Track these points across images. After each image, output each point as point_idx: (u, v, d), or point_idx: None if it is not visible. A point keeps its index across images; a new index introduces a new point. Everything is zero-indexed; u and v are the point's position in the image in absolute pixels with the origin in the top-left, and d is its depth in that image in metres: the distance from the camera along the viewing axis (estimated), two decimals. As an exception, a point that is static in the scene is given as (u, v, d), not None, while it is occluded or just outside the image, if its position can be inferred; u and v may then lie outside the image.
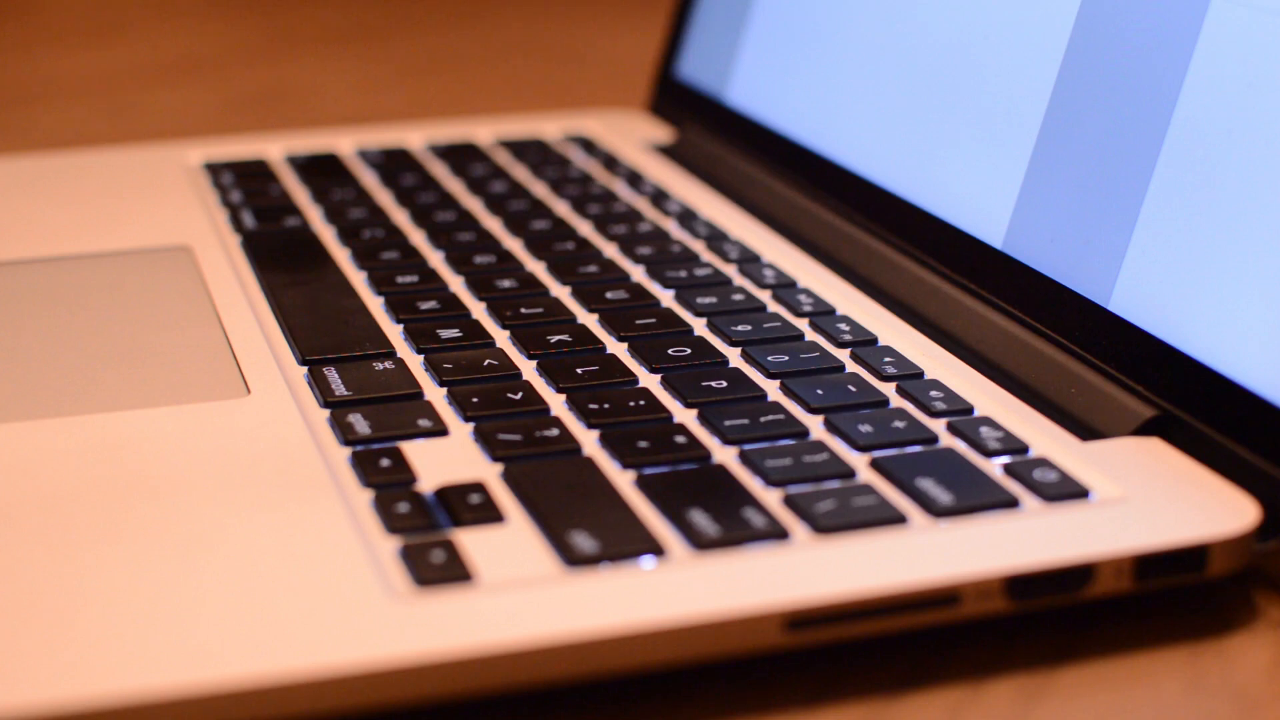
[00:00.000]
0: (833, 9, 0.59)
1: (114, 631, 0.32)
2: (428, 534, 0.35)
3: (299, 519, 0.36)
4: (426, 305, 0.48)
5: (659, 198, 0.59)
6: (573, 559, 0.35)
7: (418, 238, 0.55)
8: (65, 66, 0.91)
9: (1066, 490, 0.37)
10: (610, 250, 0.54)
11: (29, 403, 0.42)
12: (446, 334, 0.46)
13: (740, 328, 0.47)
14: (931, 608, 0.34)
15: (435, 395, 0.42)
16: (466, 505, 0.36)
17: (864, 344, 0.46)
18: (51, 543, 0.35)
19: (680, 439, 0.40)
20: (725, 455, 0.39)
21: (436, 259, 0.53)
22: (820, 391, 0.42)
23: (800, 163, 0.59)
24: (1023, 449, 0.39)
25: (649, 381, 0.43)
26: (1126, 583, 0.36)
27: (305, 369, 0.44)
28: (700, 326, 0.47)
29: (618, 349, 0.45)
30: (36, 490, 0.37)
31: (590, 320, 0.47)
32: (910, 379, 0.43)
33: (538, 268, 0.52)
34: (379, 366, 0.44)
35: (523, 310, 0.48)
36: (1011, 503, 0.37)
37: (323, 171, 0.62)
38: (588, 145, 0.66)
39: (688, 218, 0.57)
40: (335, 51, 0.95)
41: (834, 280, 0.52)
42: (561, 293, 0.50)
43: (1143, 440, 0.40)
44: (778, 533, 0.36)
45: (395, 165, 0.63)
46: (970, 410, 0.42)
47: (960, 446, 0.40)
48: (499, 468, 0.38)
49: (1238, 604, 0.37)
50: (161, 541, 0.35)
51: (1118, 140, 0.45)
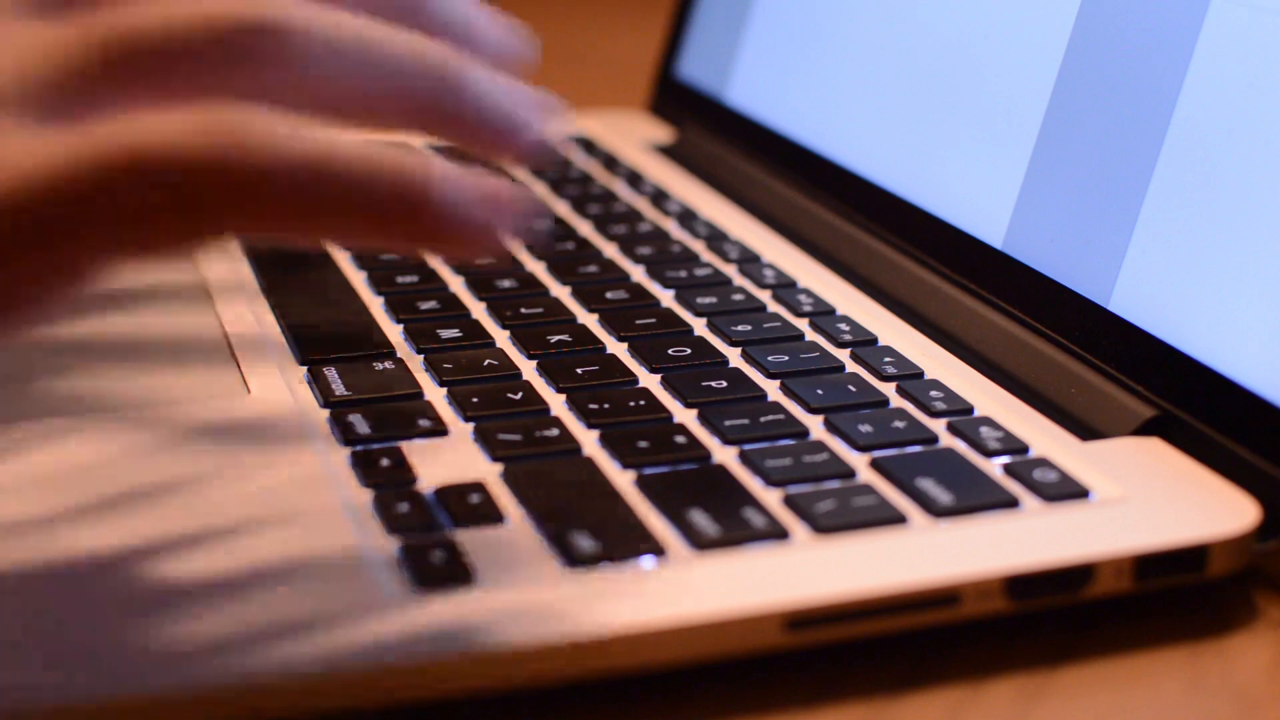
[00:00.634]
0: (833, 9, 0.59)
1: (114, 632, 0.32)
2: (428, 534, 0.35)
3: (299, 519, 0.36)
4: (426, 305, 0.48)
5: (659, 198, 0.59)
6: (573, 559, 0.35)
7: (418, 238, 0.55)
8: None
9: (1066, 490, 0.37)
10: (610, 250, 0.54)
11: (27, 403, 0.42)
12: (446, 334, 0.46)
13: (740, 328, 0.47)
14: (931, 608, 0.34)
15: (435, 395, 0.42)
16: (466, 505, 0.36)
17: (864, 344, 0.46)
18: (52, 541, 0.35)
19: (680, 439, 0.40)
20: (725, 455, 0.39)
21: (436, 259, 0.53)
22: (820, 391, 0.42)
23: (800, 163, 0.59)
24: (1023, 449, 0.39)
25: (649, 381, 0.43)
26: (1126, 583, 0.36)
27: (305, 369, 0.44)
28: (700, 326, 0.47)
29: (618, 349, 0.45)
30: (36, 490, 0.37)
31: (590, 320, 0.47)
32: (910, 379, 0.43)
33: (537, 268, 0.52)
34: (379, 366, 0.44)
35: (523, 310, 0.48)
36: (1011, 503, 0.37)
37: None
38: (588, 145, 0.66)
39: (688, 218, 0.57)
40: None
41: (834, 280, 0.52)
42: (561, 293, 0.50)
43: (1143, 440, 0.40)
44: (778, 533, 0.36)
45: (395, 165, 0.63)
46: (970, 410, 0.42)
47: (960, 446, 0.40)
48: (499, 468, 0.38)
49: (1238, 604, 0.37)
50: (161, 541, 0.35)
51: (1118, 140, 0.45)
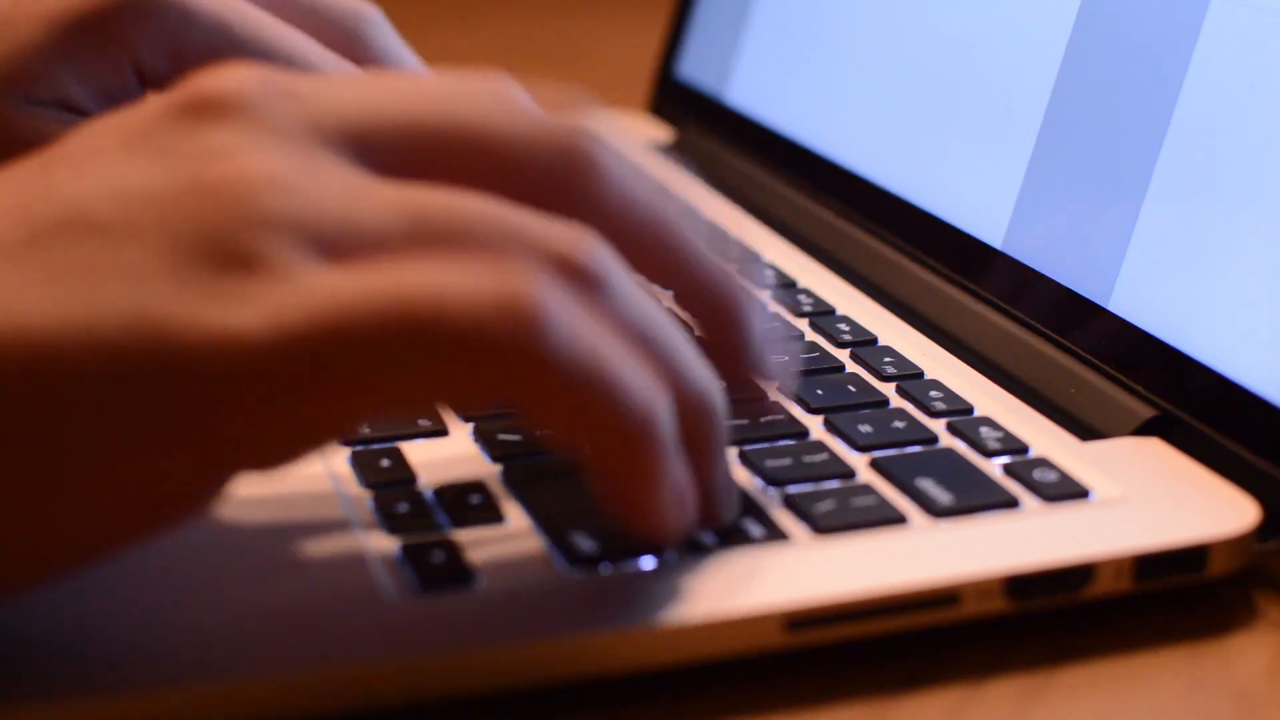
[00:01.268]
0: (832, 9, 0.59)
1: (112, 633, 0.32)
2: (428, 534, 0.35)
3: (299, 519, 0.36)
4: (426, 305, 0.48)
5: (659, 198, 0.59)
6: (573, 559, 0.35)
7: (418, 238, 0.55)
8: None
9: (1066, 490, 0.37)
10: (610, 250, 0.54)
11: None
12: (446, 334, 0.46)
13: (740, 328, 0.47)
14: (931, 608, 0.34)
15: (435, 395, 0.42)
16: (466, 505, 0.36)
17: (864, 344, 0.46)
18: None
19: (680, 439, 0.40)
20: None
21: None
22: (820, 391, 0.42)
23: (800, 163, 0.59)
24: (1023, 449, 0.39)
25: (649, 382, 0.43)
26: (1126, 583, 0.36)
27: (305, 369, 0.44)
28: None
29: (618, 349, 0.45)
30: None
31: (590, 320, 0.47)
32: (910, 379, 0.43)
33: (538, 268, 0.52)
34: (379, 367, 0.44)
35: (523, 310, 0.48)
36: (1011, 503, 0.37)
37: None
38: (588, 145, 0.66)
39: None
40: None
41: (834, 280, 0.52)
42: (561, 293, 0.50)
43: (1143, 440, 0.40)
44: (777, 533, 0.36)
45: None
46: (970, 410, 0.42)
47: (960, 446, 0.40)
48: (499, 468, 0.38)
49: (1238, 604, 0.37)
50: (161, 541, 0.35)
51: (1117, 140, 0.45)
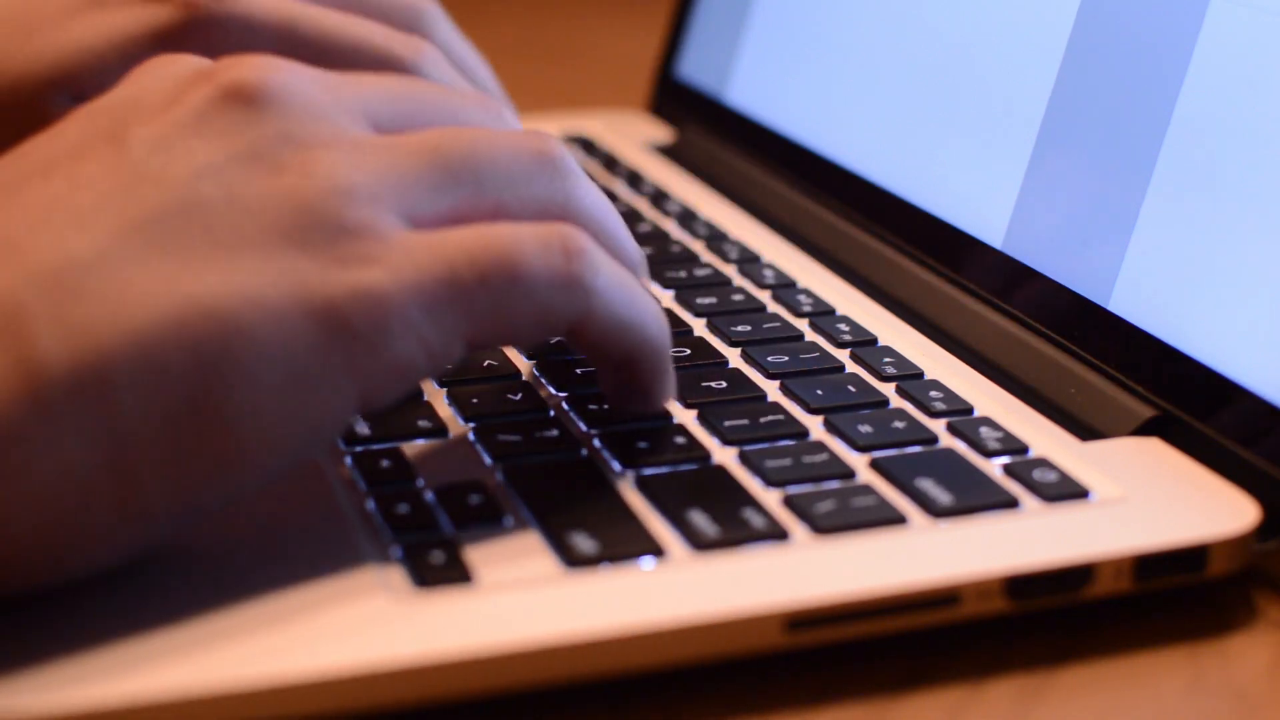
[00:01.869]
0: (832, 9, 0.59)
1: (116, 633, 0.32)
2: (428, 535, 0.35)
3: (299, 520, 0.36)
4: (426, 306, 0.48)
5: (659, 198, 0.59)
6: (573, 559, 0.35)
7: (418, 238, 0.55)
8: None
9: (1066, 490, 0.37)
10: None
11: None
12: (446, 334, 0.46)
13: (740, 328, 0.47)
14: (931, 608, 0.34)
15: (435, 396, 0.42)
16: (466, 506, 0.36)
17: (864, 344, 0.46)
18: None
19: (680, 439, 0.40)
20: (725, 456, 0.39)
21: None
22: (820, 392, 0.42)
23: (800, 163, 0.59)
24: (1022, 449, 0.39)
25: (649, 382, 0.43)
26: (1126, 583, 0.36)
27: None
28: (700, 327, 0.47)
29: (618, 349, 0.45)
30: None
31: (590, 320, 0.47)
32: (910, 379, 0.43)
33: (538, 268, 0.52)
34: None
35: (523, 311, 0.48)
36: (1011, 503, 0.37)
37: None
38: (588, 145, 0.66)
39: (687, 218, 0.57)
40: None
41: (834, 280, 0.52)
42: (561, 293, 0.50)
43: (1142, 440, 0.40)
44: (777, 533, 0.36)
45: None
46: (970, 410, 0.42)
47: (960, 447, 0.40)
48: (499, 468, 0.38)
49: (1238, 604, 0.37)
50: (159, 542, 0.35)
51: (1117, 140, 0.45)
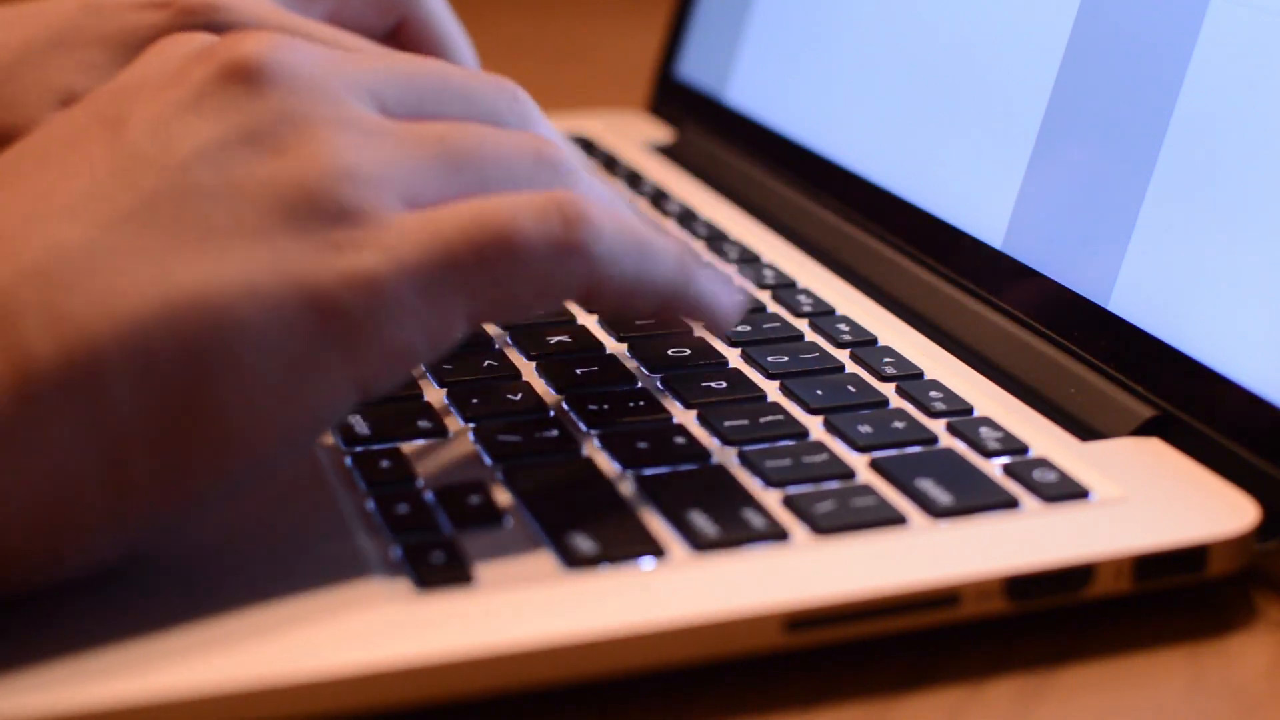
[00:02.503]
0: (832, 9, 0.59)
1: (116, 633, 0.32)
2: (428, 535, 0.35)
3: (299, 521, 0.36)
4: (426, 306, 0.48)
5: (659, 198, 0.59)
6: (573, 560, 0.35)
7: (418, 238, 0.55)
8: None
9: (1066, 490, 0.37)
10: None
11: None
12: (446, 335, 0.46)
13: (740, 328, 0.47)
14: (931, 608, 0.34)
15: (435, 396, 0.42)
16: (466, 505, 0.36)
17: (864, 344, 0.46)
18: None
19: (680, 440, 0.40)
20: (725, 456, 0.39)
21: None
22: (820, 392, 0.42)
23: (800, 163, 0.59)
24: (1022, 449, 0.39)
25: (649, 383, 0.43)
26: (1126, 583, 0.36)
27: (305, 370, 0.44)
28: (700, 327, 0.47)
29: (617, 350, 0.45)
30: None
31: (590, 321, 0.47)
32: (910, 379, 0.43)
33: (538, 268, 0.52)
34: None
35: (523, 311, 0.48)
36: (1011, 503, 0.37)
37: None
38: (588, 145, 0.66)
39: (687, 218, 0.57)
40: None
41: (834, 280, 0.52)
42: (561, 293, 0.50)
43: (1142, 440, 0.40)
44: (777, 533, 0.36)
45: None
46: (970, 410, 0.42)
47: (960, 447, 0.40)
48: (499, 468, 0.38)
49: (1238, 604, 0.37)
50: (158, 542, 0.35)
51: (1117, 140, 0.45)
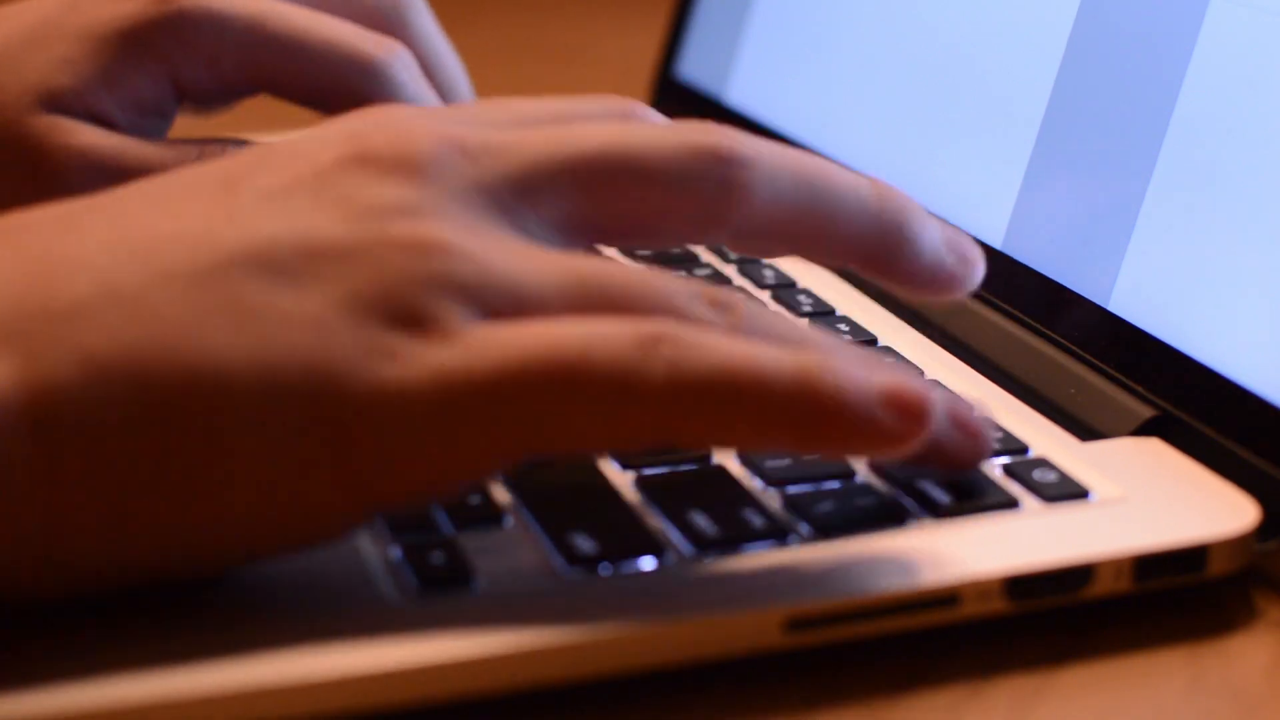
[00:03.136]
0: (832, 9, 0.59)
1: (116, 633, 0.32)
2: (428, 535, 0.35)
3: (299, 520, 0.36)
4: (426, 306, 0.48)
5: (659, 198, 0.59)
6: (573, 559, 0.35)
7: (418, 238, 0.55)
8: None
9: (1066, 491, 0.37)
10: (610, 250, 0.54)
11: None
12: (446, 334, 0.46)
13: (740, 328, 0.47)
14: (931, 608, 0.34)
15: (435, 396, 0.42)
16: (466, 506, 0.36)
17: (864, 344, 0.46)
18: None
19: (680, 439, 0.39)
20: (725, 456, 0.39)
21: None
22: (820, 392, 0.42)
23: (800, 163, 0.59)
24: (1022, 449, 0.39)
25: (649, 382, 0.43)
26: (1126, 583, 0.36)
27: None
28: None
29: (618, 349, 0.45)
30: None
31: (590, 321, 0.47)
32: (910, 379, 0.43)
33: (538, 268, 0.52)
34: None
35: (523, 311, 0.48)
36: (1011, 503, 0.37)
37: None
38: (588, 145, 0.66)
39: (688, 218, 0.57)
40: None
41: (834, 280, 0.52)
42: (561, 293, 0.50)
43: (1142, 440, 0.40)
44: (777, 533, 0.36)
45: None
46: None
47: (960, 447, 0.40)
48: (499, 468, 0.38)
49: (1238, 604, 0.37)
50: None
51: (1117, 140, 0.45)
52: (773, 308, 0.49)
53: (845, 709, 0.34)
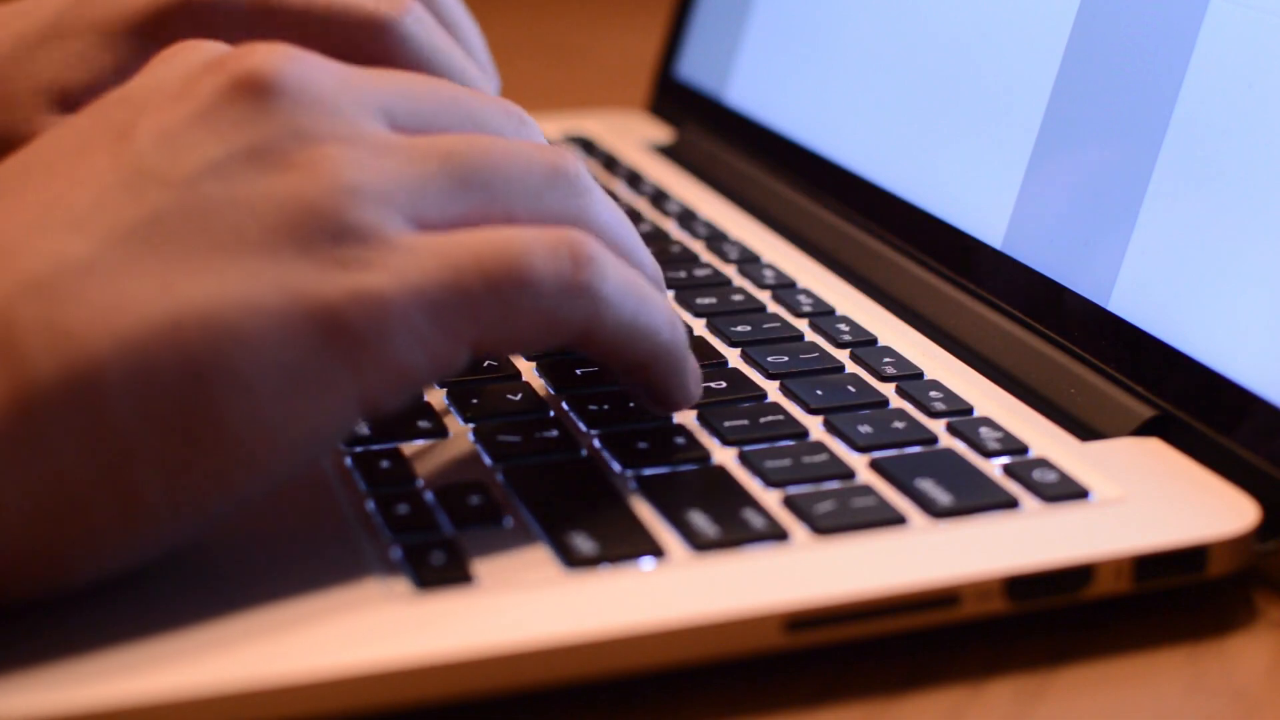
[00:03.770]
0: (832, 9, 0.59)
1: (116, 633, 0.32)
2: (428, 535, 0.35)
3: (299, 521, 0.36)
4: (426, 306, 0.48)
5: (659, 198, 0.59)
6: (573, 560, 0.35)
7: (418, 238, 0.55)
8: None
9: (1066, 491, 0.37)
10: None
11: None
12: (446, 335, 0.46)
13: (740, 328, 0.47)
14: (931, 608, 0.34)
15: (435, 397, 0.42)
16: (466, 506, 0.36)
17: (864, 344, 0.46)
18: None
19: (680, 440, 0.40)
20: (725, 456, 0.39)
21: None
22: (820, 392, 0.42)
23: (800, 163, 0.59)
24: (1022, 449, 0.39)
25: (649, 382, 0.43)
26: (1126, 583, 0.36)
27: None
28: (700, 327, 0.47)
29: (618, 349, 0.45)
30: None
31: (590, 321, 0.47)
32: (910, 379, 0.43)
33: (538, 268, 0.52)
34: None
35: (523, 311, 0.48)
36: (1011, 503, 0.37)
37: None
38: (588, 145, 0.66)
39: (687, 218, 0.57)
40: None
41: (834, 280, 0.52)
42: (561, 293, 0.50)
43: (1142, 440, 0.40)
44: (777, 533, 0.36)
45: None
46: (970, 410, 0.42)
47: (960, 447, 0.40)
48: (499, 469, 0.38)
49: (1238, 604, 0.37)
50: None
51: (1117, 140, 0.45)
52: (771, 309, 0.49)
53: (845, 709, 0.34)
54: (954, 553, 0.35)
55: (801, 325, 0.47)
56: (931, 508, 0.37)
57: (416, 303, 0.33)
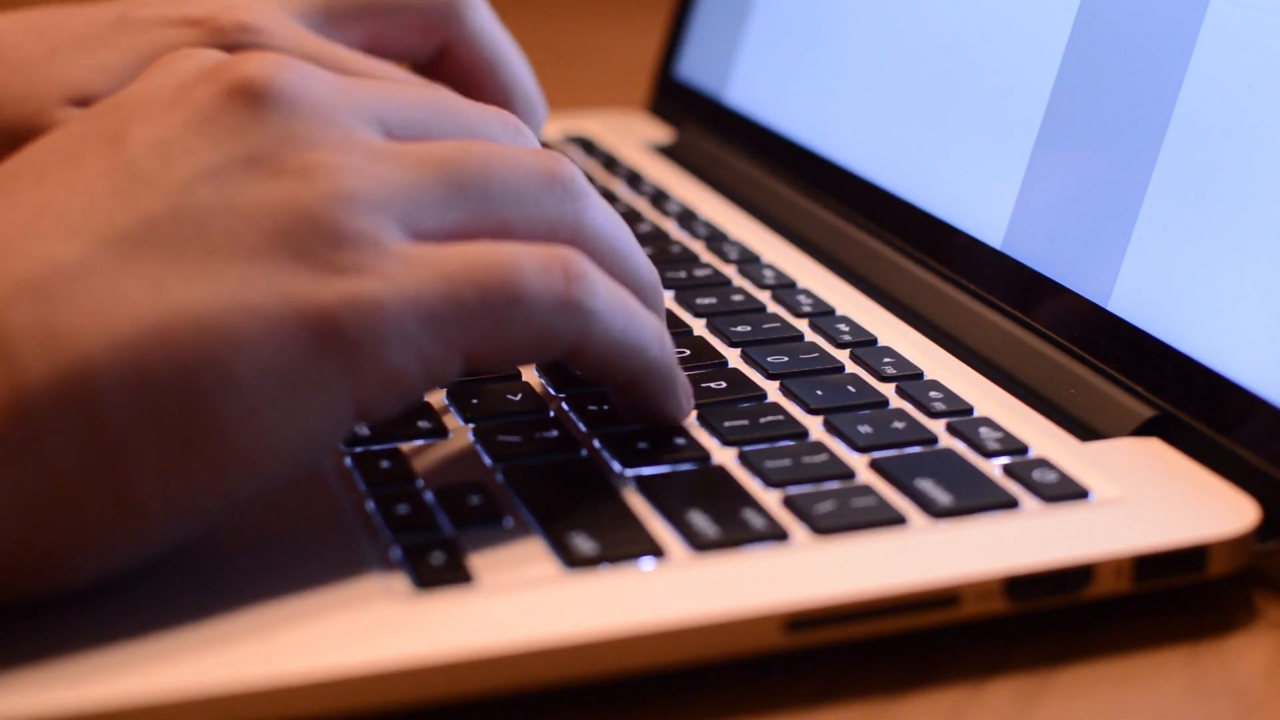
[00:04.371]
0: (832, 9, 0.59)
1: (116, 633, 0.32)
2: (428, 535, 0.35)
3: (299, 521, 0.36)
4: (426, 306, 0.48)
5: (659, 198, 0.59)
6: (573, 560, 0.35)
7: (418, 238, 0.55)
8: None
9: (1066, 491, 0.37)
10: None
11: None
12: (446, 335, 0.46)
13: (740, 328, 0.47)
14: (931, 608, 0.34)
15: (435, 397, 0.42)
16: (466, 506, 0.36)
17: (864, 344, 0.46)
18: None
19: (680, 440, 0.40)
20: (725, 456, 0.39)
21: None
22: (820, 392, 0.42)
23: (800, 163, 0.59)
24: (1022, 449, 0.39)
25: (649, 382, 0.43)
26: (1126, 583, 0.36)
27: (305, 370, 0.44)
28: (700, 327, 0.47)
29: (617, 349, 0.45)
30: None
31: (590, 321, 0.47)
32: (910, 379, 0.43)
33: (538, 268, 0.52)
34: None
35: (522, 311, 0.48)
36: (1011, 503, 0.37)
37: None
38: (587, 145, 0.66)
39: (687, 218, 0.57)
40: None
41: (834, 280, 0.52)
42: (561, 293, 0.50)
43: (1142, 440, 0.40)
44: (777, 534, 0.36)
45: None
46: (970, 411, 0.42)
47: (960, 447, 0.40)
48: (499, 469, 0.38)
49: (1238, 604, 0.37)
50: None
51: (1117, 140, 0.45)
52: (771, 309, 0.49)
53: (845, 709, 0.34)
54: (954, 553, 0.35)
55: (801, 325, 0.47)
56: (931, 508, 0.37)
57: (411, 310, 0.33)
